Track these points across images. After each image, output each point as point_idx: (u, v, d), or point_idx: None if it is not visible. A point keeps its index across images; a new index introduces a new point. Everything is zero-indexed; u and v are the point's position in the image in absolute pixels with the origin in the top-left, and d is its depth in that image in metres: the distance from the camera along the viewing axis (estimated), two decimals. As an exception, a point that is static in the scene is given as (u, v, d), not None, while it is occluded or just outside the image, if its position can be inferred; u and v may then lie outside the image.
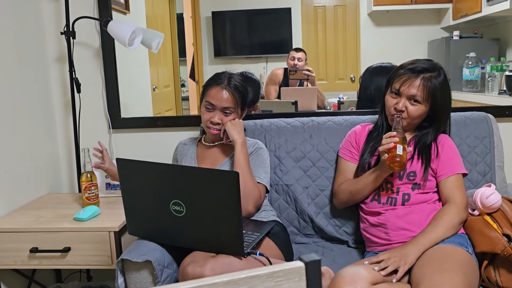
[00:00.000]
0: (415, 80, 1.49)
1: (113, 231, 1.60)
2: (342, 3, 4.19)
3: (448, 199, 1.49)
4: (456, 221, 1.44)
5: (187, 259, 1.36)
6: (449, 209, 1.46)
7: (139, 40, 1.91)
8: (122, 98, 2.15)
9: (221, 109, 1.63)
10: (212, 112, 1.63)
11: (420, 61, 1.53)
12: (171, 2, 3.38)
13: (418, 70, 1.50)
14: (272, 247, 1.48)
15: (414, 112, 1.50)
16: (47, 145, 2.10)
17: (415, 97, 1.49)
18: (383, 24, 4.14)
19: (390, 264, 1.31)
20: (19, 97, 1.90)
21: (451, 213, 1.45)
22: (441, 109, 1.53)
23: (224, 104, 1.62)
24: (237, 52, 4.29)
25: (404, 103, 1.50)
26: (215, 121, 1.63)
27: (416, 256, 1.35)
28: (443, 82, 1.51)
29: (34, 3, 2.04)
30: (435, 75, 1.50)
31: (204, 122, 1.65)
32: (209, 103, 1.63)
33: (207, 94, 1.65)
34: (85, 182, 1.75)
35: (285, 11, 4.15)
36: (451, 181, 1.51)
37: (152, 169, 1.35)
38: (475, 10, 3.58)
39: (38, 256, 1.64)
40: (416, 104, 1.50)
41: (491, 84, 3.27)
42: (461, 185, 1.52)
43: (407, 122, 1.53)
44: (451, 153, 1.54)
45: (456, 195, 1.48)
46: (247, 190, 1.53)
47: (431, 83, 1.48)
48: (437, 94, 1.49)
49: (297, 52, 3.22)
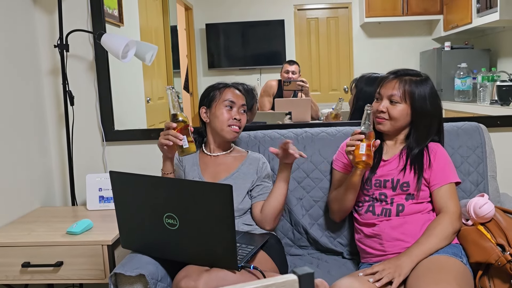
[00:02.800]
0: (392, 80, 1.53)
1: (106, 245, 1.59)
2: (334, 15, 4.24)
3: (442, 209, 1.49)
4: (449, 231, 1.44)
5: (181, 273, 1.35)
6: (443, 219, 1.46)
7: (133, 52, 1.92)
8: (116, 111, 2.15)
9: (239, 107, 1.67)
10: (231, 110, 1.66)
11: (406, 69, 1.57)
12: (165, 14, 3.40)
13: (399, 74, 1.54)
14: (267, 260, 1.47)
15: (394, 112, 1.51)
16: (40, 158, 2.09)
17: (393, 96, 1.51)
18: (376, 36, 4.18)
19: (384, 275, 1.31)
20: (12, 110, 1.89)
21: (445, 223, 1.45)
22: (421, 111, 1.52)
23: (241, 101, 1.68)
24: (231, 63, 4.31)
25: (384, 104, 1.53)
26: (238, 117, 1.66)
27: (410, 268, 1.35)
28: (424, 86, 1.52)
29: (28, 16, 2.04)
30: (415, 80, 1.52)
31: (225, 121, 1.64)
32: (230, 101, 1.66)
33: (224, 94, 1.67)
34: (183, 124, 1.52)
35: (278, 23, 4.18)
36: (444, 190, 1.51)
37: (145, 182, 1.35)
38: (466, 22, 3.64)
39: (30, 270, 1.62)
40: (396, 104, 1.52)
41: (483, 94, 3.30)
42: (454, 194, 1.52)
43: (391, 124, 1.54)
44: (443, 162, 1.55)
45: (450, 205, 1.49)
46: (282, 210, 1.61)
47: (409, 84, 1.51)
48: (415, 95, 1.50)
49: (291, 65, 3.24)
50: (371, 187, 1.56)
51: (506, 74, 3.26)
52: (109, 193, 1.95)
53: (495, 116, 2.09)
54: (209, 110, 1.70)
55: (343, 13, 4.21)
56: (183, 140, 1.48)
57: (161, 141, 1.51)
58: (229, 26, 4.22)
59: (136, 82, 2.72)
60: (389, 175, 1.54)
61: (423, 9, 4.04)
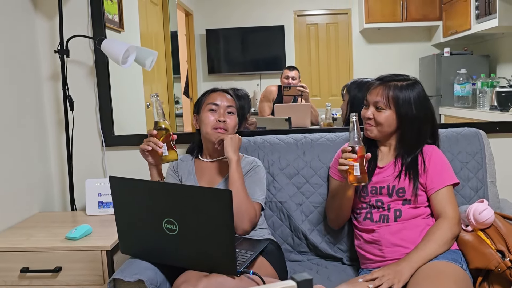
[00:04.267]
0: (378, 87, 1.53)
1: (105, 250, 1.59)
2: (334, 21, 4.26)
3: (440, 214, 1.49)
4: (449, 237, 1.44)
5: (180, 279, 1.34)
6: (442, 224, 1.46)
7: (133, 58, 1.93)
8: (116, 116, 2.15)
9: (225, 109, 1.65)
10: (216, 113, 1.65)
11: (395, 74, 1.56)
12: (165, 20, 3.42)
13: (385, 79, 1.54)
14: (266, 265, 1.47)
15: (379, 118, 1.51)
16: (39, 163, 2.09)
17: (378, 103, 1.51)
18: (375, 41, 4.20)
19: (384, 281, 1.31)
20: (12, 115, 1.90)
21: (444, 229, 1.44)
22: (406, 116, 1.50)
23: (227, 103, 1.66)
24: (231, 69, 4.33)
25: (371, 111, 1.53)
26: (222, 119, 1.63)
27: (410, 273, 1.34)
28: (409, 90, 1.50)
29: (28, 21, 2.05)
30: (401, 85, 1.51)
31: (209, 125, 1.63)
32: (213, 104, 1.65)
33: (209, 99, 1.67)
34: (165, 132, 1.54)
35: (278, 28, 4.20)
36: (441, 195, 1.50)
37: (145, 187, 1.35)
38: (465, 28, 3.65)
39: (29, 276, 1.61)
40: (381, 110, 1.51)
41: (482, 100, 3.30)
42: (452, 197, 1.51)
43: (378, 130, 1.53)
44: (439, 165, 1.53)
45: (448, 210, 1.48)
46: (242, 208, 1.53)
47: (393, 89, 1.50)
48: (399, 100, 1.49)
49: (291, 70, 3.24)
50: (367, 194, 1.56)
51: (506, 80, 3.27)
52: (108, 198, 1.95)
53: (495, 122, 2.09)
54: (198, 116, 1.70)
55: (342, 19, 4.23)
56: (163, 148, 1.50)
57: (140, 147, 1.54)
58: (229, 32, 4.24)
59: (136, 88, 2.73)
60: (385, 182, 1.54)
61: (422, 15, 4.06)
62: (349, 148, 1.43)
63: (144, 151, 1.54)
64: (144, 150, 1.53)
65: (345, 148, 1.45)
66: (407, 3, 4.03)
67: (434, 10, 4.04)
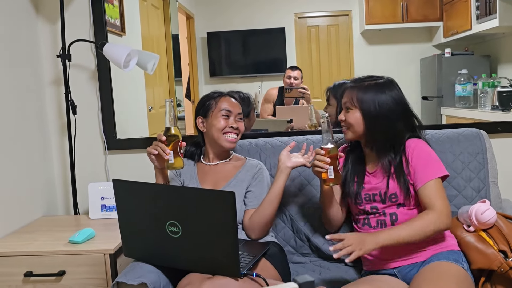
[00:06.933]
0: (347, 89, 1.54)
1: (108, 254, 1.59)
2: (335, 23, 4.26)
3: (428, 208, 1.43)
4: (430, 228, 1.38)
5: (183, 281, 1.35)
6: (426, 215, 1.40)
7: (135, 62, 1.93)
8: (118, 119, 2.16)
9: (236, 115, 1.68)
10: (229, 119, 1.66)
11: (367, 76, 1.56)
12: (166, 23, 3.43)
13: (355, 81, 1.54)
14: (269, 268, 1.47)
15: (349, 119, 1.51)
16: (42, 168, 2.09)
17: (346, 104, 1.52)
18: (376, 43, 4.21)
19: (344, 248, 1.33)
20: (15, 120, 1.91)
21: (426, 219, 1.39)
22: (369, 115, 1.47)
23: (238, 110, 1.68)
24: (232, 71, 4.34)
25: (342, 113, 1.55)
26: (235, 126, 1.66)
27: (373, 248, 1.35)
28: (375, 89, 1.48)
29: (30, 26, 2.06)
30: (368, 84, 1.50)
31: (221, 129, 1.64)
32: (227, 110, 1.66)
33: (220, 104, 1.67)
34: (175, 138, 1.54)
35: (279, 31, 4.21)
36: (428, 189, 1.43)
37: (148, 190, 1.35)
38: (465, 28, 3.65)
39: (33, 280, 1.62)
40: (349, 111, 1.52)
41: (484, 100, 3.30)
42: (440, 190, 1.43)
43: (351, 132, 1.52)
44: (423, 159, 1.46)
45: (436, 203, 1.40)
46: (271, 219, 1.60)
47: (358, 89, 1.50)
48: (363, 99, 1.48)
49: (293, 70, 3.25)
50: (362, 201, 1.55)
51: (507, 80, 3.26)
52: (111, 202, 1.96)
53: (496, 122, 2.09)
54: (205, 120, 1.70)
55: (343, 21, 4.24)
56: (170, 155, 1.51)
57: (147, 150, 1.55)
58: (230, 35, 4.25)
59: (138, 91, 2.74)
60: (376, 189, 1.52)
61: (423, 16, 4.06)
62: (322, 151, 1.45)
63: (150, 154, 1.55)
64: (150, 153, 1.54)
65: (319, 150, 1.46)
66: (408, 4, 4.04)
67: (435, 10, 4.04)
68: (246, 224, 1.60)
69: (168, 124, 1.52)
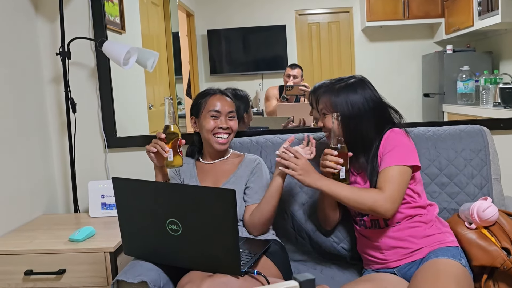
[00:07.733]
0: (322, 95, 1.53)
1: (108, 252, 1.59)
2: (336, 20, 4.25)
3: (380, 189, 1.41)
4: (368, 203, 1.37)
5: (184, 279, 1.34)
6: (374, 192, 1.39)
7: (134, 59, 1.93)
8: (118, 117, 2.16)
9: (226, 114, 1.64)
10: (217, 119, 1.64)
11: (339, 78, 1.55)
12: (166, 21, 3.42)
13: (325, 86, 1.54)
14: (270, 266, 1.46)
15: (327, 124, 1.50)
16: (42, 166, 2.09)
17: (322, 110, 1.53)
18: (377, 40, 4.19)
19: (290, 162, 1.42)
20: (15, 118, 1.90)
21: (371, 195, 1.38)
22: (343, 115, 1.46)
23: (228, 108, 1.65)
24: (232, 69, 4.33)
25: (321, 119, 1.55)
26: (225, 126, 1.63)
27: (309, 184, 1.41)
28: (347, 90, 1.48)
29: (30, 24, 2.05)
30: (338, 87, 1.50)
31: (210, 131, 1.63)
32: (215, 111, 1.63)
33: (209, 104, 1.65)
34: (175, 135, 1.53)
35: (280, 28, 4.20)
36: (385, 172, 1.41)
37: (148, 188, 1.35)
38: (467, 24, 3.64)
39: (33, 278, 1.62)
40: (326, 116, 1.52)
41: (486, 97, 3.29)
42: (395, 177, 1.39)
43: (334, 135, 1.48)
44: (390, 145, 1.45)
45: (386, 187, 1.38)
46: (271, 216, 1.58)
47: (329, 92, 1.50)
48: (336, 101, 1.48)
49: (293, 69, 3.23)
50: None
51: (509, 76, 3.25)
52: (111, 200, 1.95)
53: (498, 118, 2.08)
54: (197, 120, 1.68)
55: (344, 18, 4.22)
56: (169, 153, 1.50)
57: (147, 147, 1.54)
58: (231, 32, 4.24)
59: (138, 89, 2.73)
60: None
61: (424, 13, 4.04)
62: (334, 151, 1.43)
63: (149, 152, 1.54)
64: (149, 151, 1.53)
65: (329, 151, 1.44)
66: (409, 1, 4.02)
67: (436, 7, 4.02)
68: (247, 221, 1.59)
69: (168, 121, 1.51)
